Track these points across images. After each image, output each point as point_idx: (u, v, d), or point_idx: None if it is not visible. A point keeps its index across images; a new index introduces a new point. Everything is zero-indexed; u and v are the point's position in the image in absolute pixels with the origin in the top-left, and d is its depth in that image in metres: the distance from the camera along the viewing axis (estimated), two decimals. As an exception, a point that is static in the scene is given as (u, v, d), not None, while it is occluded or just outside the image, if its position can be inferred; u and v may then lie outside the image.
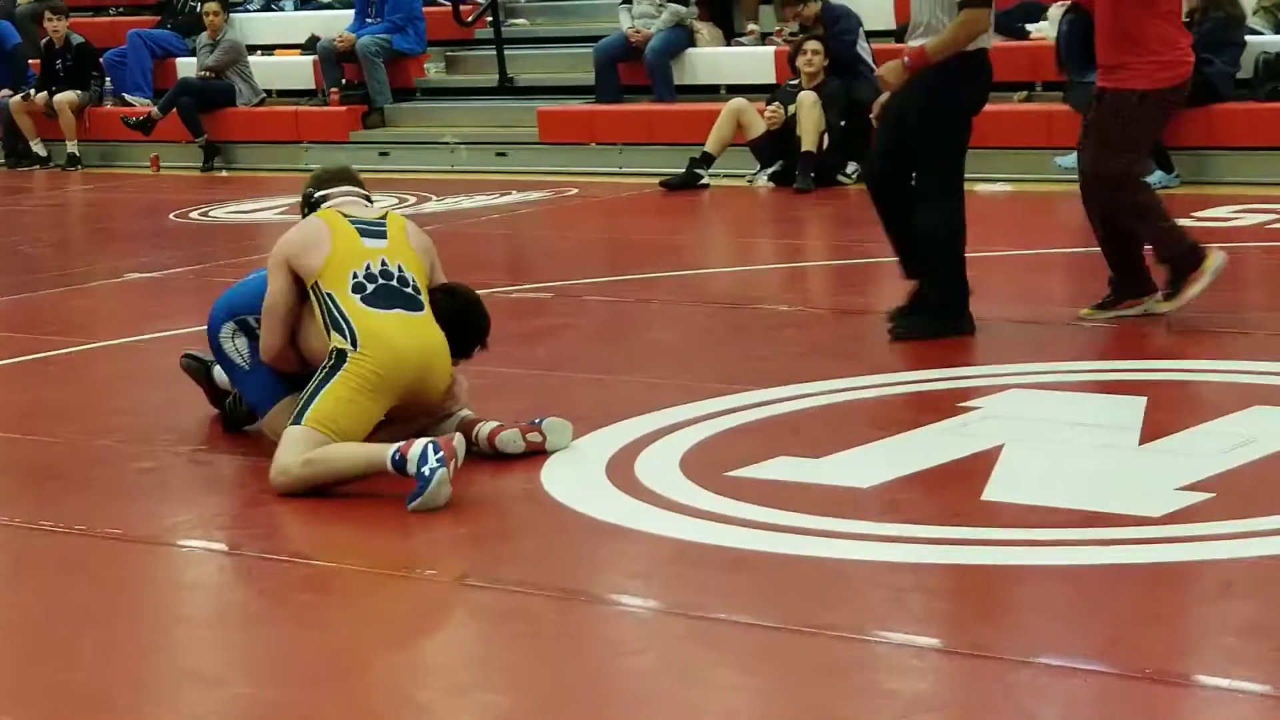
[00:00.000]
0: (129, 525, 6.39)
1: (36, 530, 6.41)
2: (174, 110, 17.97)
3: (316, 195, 7.20)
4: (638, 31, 16.33)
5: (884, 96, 8.64)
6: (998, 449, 6.68)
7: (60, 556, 6.21)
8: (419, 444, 6.41)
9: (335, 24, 18.33)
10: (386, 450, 6.48)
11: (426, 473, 6.32)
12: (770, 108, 14.34)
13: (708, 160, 14.53)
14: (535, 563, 5.89)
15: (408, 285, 6.88)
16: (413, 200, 14.87)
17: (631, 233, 13.19)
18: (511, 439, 6.88)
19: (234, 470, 7.09)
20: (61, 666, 5.10)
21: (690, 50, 16.39)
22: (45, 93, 18.81)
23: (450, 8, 18.04)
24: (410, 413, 6.91)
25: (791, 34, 15.61)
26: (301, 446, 6.60)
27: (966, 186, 8.67)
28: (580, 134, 16.41)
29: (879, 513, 6.09)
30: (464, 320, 7.01)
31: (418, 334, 6.81)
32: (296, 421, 6.66)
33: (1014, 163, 14.00)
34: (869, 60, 14.37)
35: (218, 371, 7.56)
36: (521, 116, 16.95)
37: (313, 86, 18.41)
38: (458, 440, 6.46)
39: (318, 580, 5.89)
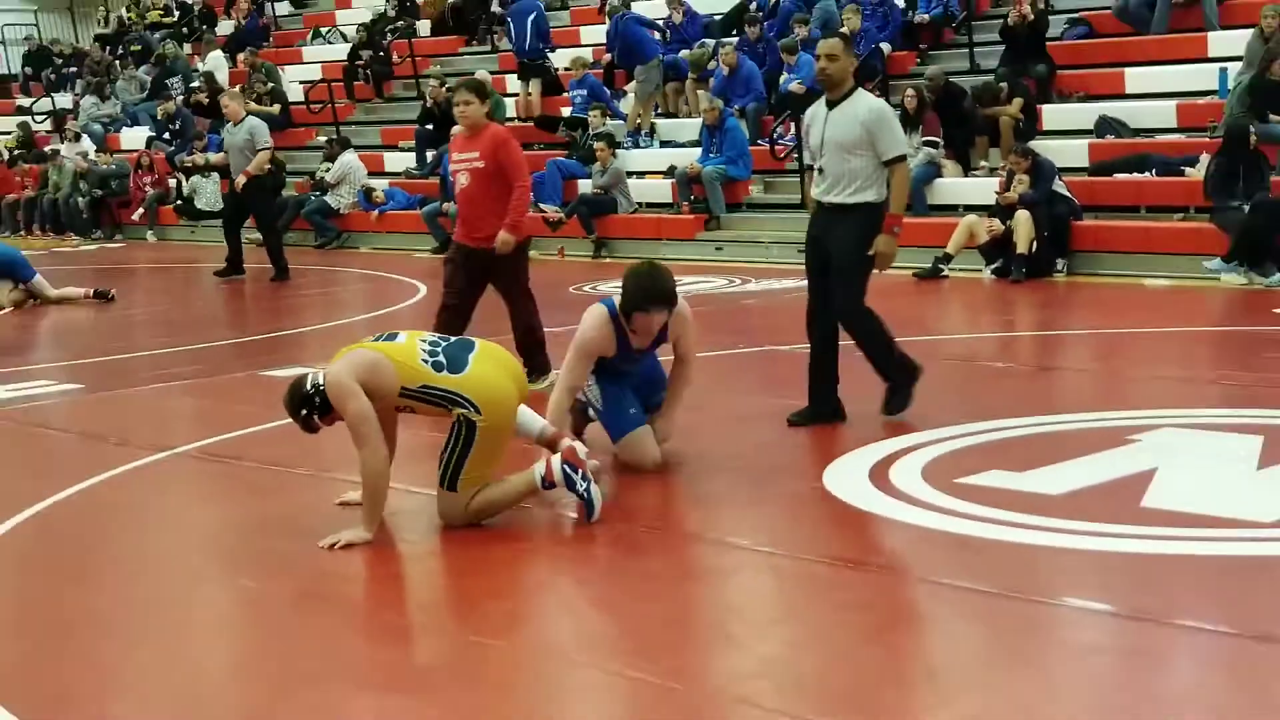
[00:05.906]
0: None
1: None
2: (575, 216, 18.33)
3: (310, 386, 5.88)
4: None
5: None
6: (1153, 470, 6.52)
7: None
8: (556, 469, 5.95)
9: (688, 157, 18.48)
10: (532, 477, 6.01)
11: (582, 492, 5.96)
12: (991, 222, 14.15)
13: (948, 259, 14.38)
14: (810, 539, 5.88)
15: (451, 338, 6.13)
16: (738, 281, 14.91)
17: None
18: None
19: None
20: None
21: (938, 180, 16.23)
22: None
23: (769, 147, 18.16)
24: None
25: (1010, 172, 15.31)
26: (463, 501, 5.93)
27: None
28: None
29: (1066, 513, 5.94)
30: None
31: (496, 355, 6.04)
32: (451, 488, 5.89)
33: (1173, 265, 13.57)
34: (1064, 191, 14.10)
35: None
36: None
37: (670, 200, 18.57)
38: (579, 449, 6.03)
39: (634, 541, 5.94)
